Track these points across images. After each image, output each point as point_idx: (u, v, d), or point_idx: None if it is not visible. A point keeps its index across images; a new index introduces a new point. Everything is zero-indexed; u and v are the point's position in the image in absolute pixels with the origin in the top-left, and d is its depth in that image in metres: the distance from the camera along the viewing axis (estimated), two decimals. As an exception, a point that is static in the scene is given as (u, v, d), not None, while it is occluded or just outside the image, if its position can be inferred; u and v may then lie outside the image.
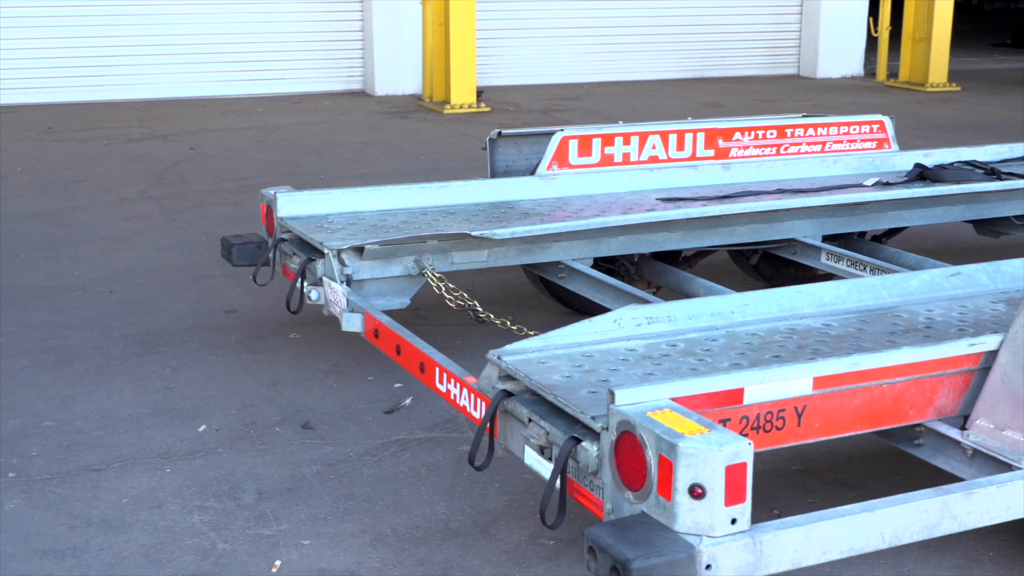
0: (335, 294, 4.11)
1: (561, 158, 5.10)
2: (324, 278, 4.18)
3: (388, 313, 4.01)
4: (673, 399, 2.62)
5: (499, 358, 3.06)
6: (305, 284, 4.23)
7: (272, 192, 4.66)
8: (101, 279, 6.06)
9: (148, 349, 4.98)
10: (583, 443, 2.66)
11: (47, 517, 3.61)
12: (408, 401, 4.48)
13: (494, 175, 5.17)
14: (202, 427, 4.27)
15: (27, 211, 7.51)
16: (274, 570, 3.31)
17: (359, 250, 4.17)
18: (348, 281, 4.17)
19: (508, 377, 3.02)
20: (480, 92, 12.43)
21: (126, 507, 3.67)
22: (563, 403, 2.79)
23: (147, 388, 4.59)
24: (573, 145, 5.13)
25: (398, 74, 13.26)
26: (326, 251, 4.17)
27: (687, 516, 2.38)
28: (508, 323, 4.03)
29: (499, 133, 5.18)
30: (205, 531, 3.52)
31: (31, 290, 5.77)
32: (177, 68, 12.71)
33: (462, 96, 12.22)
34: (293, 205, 4.64)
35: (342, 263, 4.17)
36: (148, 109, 11.94)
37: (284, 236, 4.56)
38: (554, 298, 5.38)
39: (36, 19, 12.15)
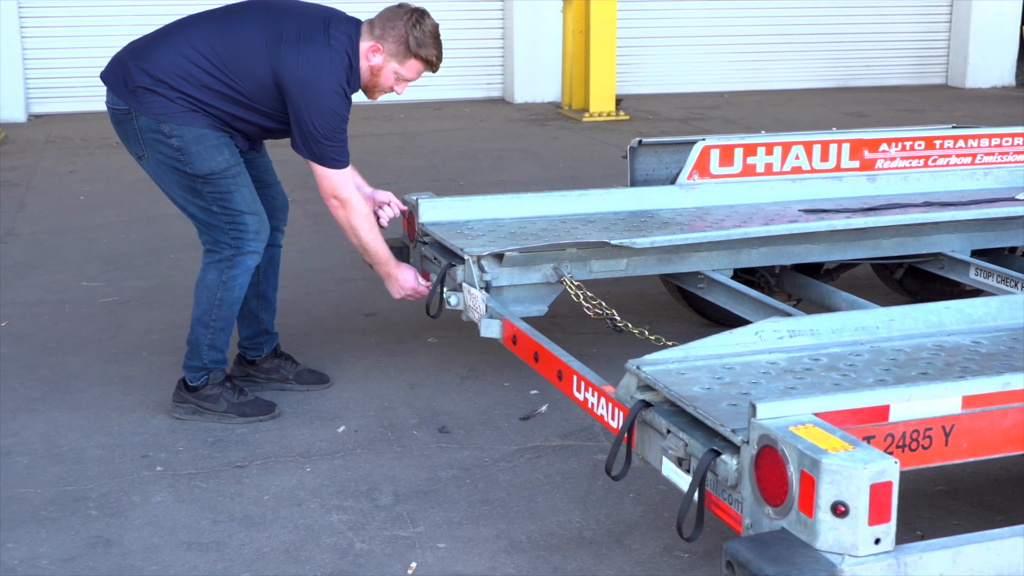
0: (474, 300, 4.14)
1: (702, 167, 5.05)
2: (464, 284, 4.22)
3: (526, 320, 4.03)
4: (816, 414, 2.57)
5: (638, 368, 3.04)
6: (445, 289, 4.28)
7: (414, 198, 4.72)
8: (246, 280, 6.20)
9: (290, 350, 5.07)
10: (722, 456, 2.63)
11: (192, 511, 3.71)
12: (544, 408, 4.49)
13: (634, 184, 5.15)
14: (341, 428, 4.35)
15: (175, 212, 7.68)
16: (410, 572, 3.35)
17: (499, 257, 4.20)
18: (487, 287, 4.19)
19: (647, 387, 3.01)
20: (619, 100, 12.40)
21: (267, 504, 3.76)
22: (703, 415, 2.76)
23: (288, 388, 4.69)
24: (714, 155, 5.07)
25: (537, 82, 13.31)
26: (466, 257, 4.21)
27: (829, 534, 2.33)
28: (646, 333, 4.00)
29: (640, 142, 5.16)
30: (343, 530, 3.58)
31: (179, 289, 5.93)
32: (321, 75, 12.94)
33: (601, 104, 12.20)
34: (434, 211, 4.69)
35: (482, 269, 4.20)
36: (293, 115, 12.17)
37: (425, 241, 4.62)
38: (692, 309, 5.34)
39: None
